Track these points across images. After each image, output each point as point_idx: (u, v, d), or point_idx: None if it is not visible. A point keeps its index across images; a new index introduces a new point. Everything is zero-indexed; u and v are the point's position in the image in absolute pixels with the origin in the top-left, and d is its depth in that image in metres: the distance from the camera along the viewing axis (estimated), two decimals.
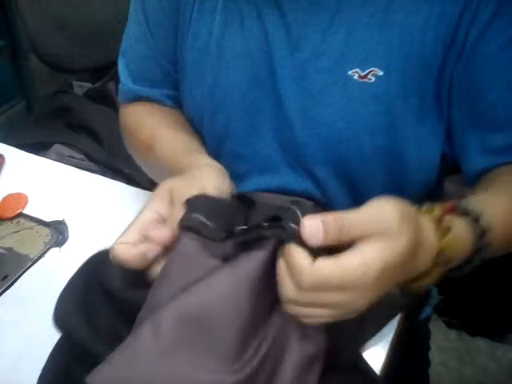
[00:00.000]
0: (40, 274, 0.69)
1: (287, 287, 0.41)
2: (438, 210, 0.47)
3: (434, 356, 0.86)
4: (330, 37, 0.62)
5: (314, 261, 0.40)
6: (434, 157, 0.67)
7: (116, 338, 0.46)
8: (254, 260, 0.44)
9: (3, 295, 0.65)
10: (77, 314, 0.50)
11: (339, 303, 0.41)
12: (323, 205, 0.66)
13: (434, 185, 0.72)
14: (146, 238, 0.48)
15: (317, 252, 0.40)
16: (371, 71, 0.61)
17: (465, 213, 0.50)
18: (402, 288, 0.47)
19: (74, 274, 0.53)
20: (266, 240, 0.44)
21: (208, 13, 0.67)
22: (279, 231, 0.42)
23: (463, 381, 1.49)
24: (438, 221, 0.46)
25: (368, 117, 0.63)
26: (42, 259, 0.71)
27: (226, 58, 0.68)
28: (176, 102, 0.77)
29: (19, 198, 0.80)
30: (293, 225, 0.41)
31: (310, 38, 0.63)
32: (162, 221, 0.49)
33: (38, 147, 1.26)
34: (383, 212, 0.41)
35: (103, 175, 0.88)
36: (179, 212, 0.48)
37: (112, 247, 0.46)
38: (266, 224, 0.43)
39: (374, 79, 0.61)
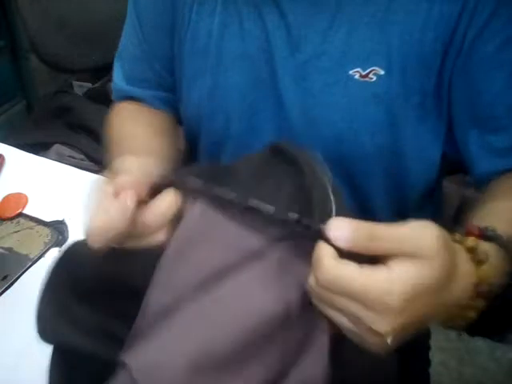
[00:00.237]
0: (40, 274, 0.68)
1: (310, 277, 0.40)
2: (471, 240, 0.44)
3: (434, 356, 0.86)
4: (330, 36, 0.62)
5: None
6: (435, 156, 0.67)
7: (104, 334, 0.46)
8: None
9: (3, 295, 0.65)
10: (60, 320, 0.49)
11: (355, 315, 0.38)
12: None
13: (434, 185, 0.72)
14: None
15: (355, 258, 0.38)
16: (372, 70, 0.61)
17: (495, 237, 0.47)
18: (444, 323, 0.45)
19: (46, 282, 0.52)
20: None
21: (207, 14, 0.67)
22: (306, 229, 0.40)
23: (463, 381, 1.49)
24: (472, 250, 0.44)
25: (369, 116, 0.63)
26: (42, 259, 0.71)
27: (225, 60, 0.67)
28: (168, 104, 0.78)
29: (19, 198, 0.80)
30: (321, 225, 0.39)
31: (310, 37, 0.63)
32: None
33: (37, 147, 1.27)
34: (422, 234, 0.39)
35: (103, 175, 0.88)
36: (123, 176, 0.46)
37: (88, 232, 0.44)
38: (295, 216, 0.41)
39: (375, 78, 0.62)
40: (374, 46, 0.61)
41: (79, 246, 0.51)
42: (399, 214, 0.72)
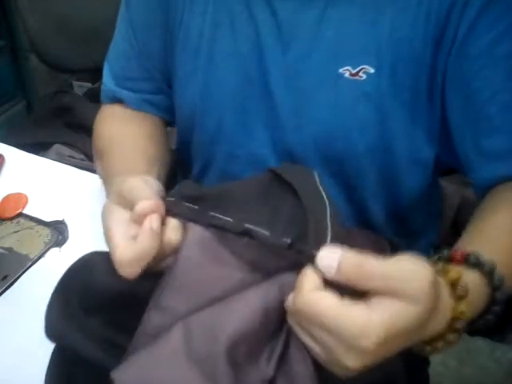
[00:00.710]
0: (40, 274, 0.68)
1: (290, 299, 0.41)
2: (454, 272, 0.43)
3: (434, 356, 0.86)
4: (319, 34, 0.62)
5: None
6: (428, 157, 0.67)
7: (110, 344, 0.46)
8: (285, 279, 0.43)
9: (3, 295, 0.65)
10: (70, 326, 0.50)
11: (327, 346, 0.38)
12: None
13: (429, 188, 0.71)
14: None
15: (341, 287, 0.39)
16: (362, 69, 0.61)
17: (478, 264, 0.47)
18: (412, 350, 0.43)
19: (57, 285, 0.52)
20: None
21: (199, 14, 0.67)
22: (298, 253, 0.42)
23: (463, 381, 1.49)
24: (454, 285, 0.42)
25: (359, 114, 0.63)
26: (42, 259, 0.71)
27: (216, 59, 0.68)
28: (157, 107, 0.77)
29: (19, 198, 0.80)
30: (313, 251, 0.40)
31: (300, 35, 0.63)
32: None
33: (37, 147, 1.26)
34: (412, 276, 0.38)
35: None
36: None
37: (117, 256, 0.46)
38: (288, 241, 0.42)
39: (365, 77, 0.61)
40: (363, 44, 0.61)
41: (94, 257, 0.52)
42: (395, 214, 0.72)
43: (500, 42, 0.57)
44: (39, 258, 0.70)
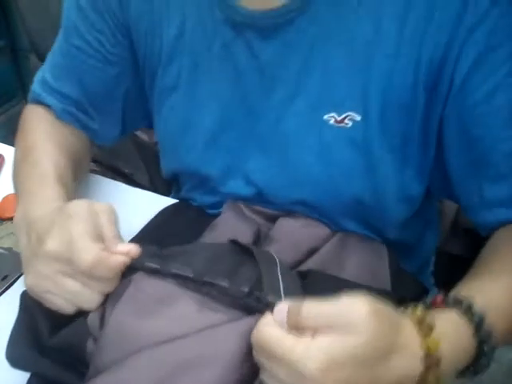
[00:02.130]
0: None
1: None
2: (420, 309, 0.44)
3: None
4: (304, 79, 0.60)
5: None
6: (416, 193, 0.66)
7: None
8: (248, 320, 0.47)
9: (3, 295, 0.65)
10: (34, 353, 0.51)
11: (278, 377, 0.40)
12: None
13: (422, 203, 0.69)
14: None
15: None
16: (348, 116, 0.60)
17: (456, 303, 0.47)
18: None
19: (18, 313, 0.55)
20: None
21: (176, 54, 0.66)
22: (255, 303, 0.47)
23: (463, 381, 1.48)
24: (420, 320, 0.43)
25: (345, 162, 0.62)
26: None
27: (197, 99, 0.66)
28: (79, 123, 0.75)
29: None
30: (268, 297, 0.47)
31: (284, 79, 0.61)
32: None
33: None
34: (350, 310, 0.40)
35: (103, 175, 0.88)
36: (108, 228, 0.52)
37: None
38: (246, 289, 0.48)
39: (350, 124, 0.60)
40: (349, 90, 0.59)
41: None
42: (385, 238, 0.70)
43: (497, 92, 0.56)
44: None
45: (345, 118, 0.60)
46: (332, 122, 0.61)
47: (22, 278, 0.67)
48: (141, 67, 0.71)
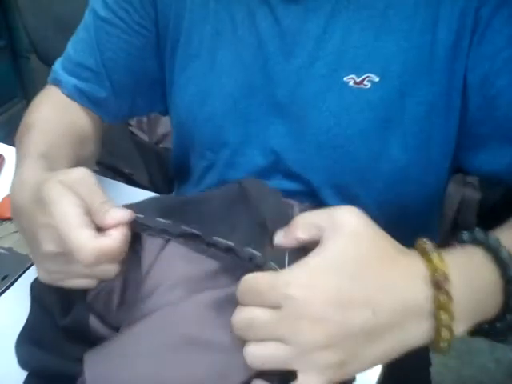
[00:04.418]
0: None
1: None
2: (426, 241, 0.44)
3: (434, 356, 0.86)
4: (324, 43, 0.61)
5: None
6: (442, 167, 0.65)
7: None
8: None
9: (3, 295, 0.65)
10: (41, 352, 0.51)
11: (269, 324, 0.40)
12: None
13: (438, 194, 0.69)
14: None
15: None
16: (367, 77, 0.61)
17: (476, 241, 0.46)
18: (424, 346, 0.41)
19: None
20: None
21: (199, 22, 0.67)
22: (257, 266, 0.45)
23: (463, 381, 1.49)
24: (423, 251, 0.43)
25: (364, 123, 0.62)
26: None
27: (218, 67, 0.67)
28: (94, 103, 0.75)
29: None
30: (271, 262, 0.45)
31: (304, 44, 0.62)
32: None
33: None
34: (340, 210, 0.43)
35: (103, 175, 0.88)
36: (95, 198, 0.49)
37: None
38: (249, 250, 0.46)
39: (369, 85, 0.61)
40: (368, 52, 0.60)
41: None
42: (396, 220, 0.69)
43: None
44: None
45: (364, 79, 0.61)
46: (351, 83, 0.61)
47: (22, 278, 0.67)
48: (162, 39, 0.71)
